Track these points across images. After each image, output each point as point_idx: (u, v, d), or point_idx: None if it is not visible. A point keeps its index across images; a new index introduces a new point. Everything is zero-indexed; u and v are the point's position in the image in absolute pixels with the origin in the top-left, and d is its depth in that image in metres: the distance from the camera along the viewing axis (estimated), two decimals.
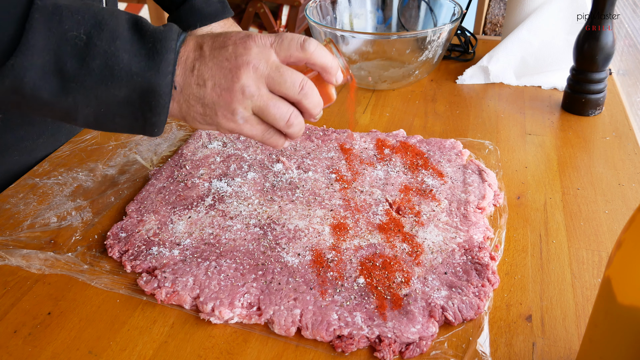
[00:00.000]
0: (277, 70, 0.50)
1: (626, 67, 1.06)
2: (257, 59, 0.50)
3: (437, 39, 0.91)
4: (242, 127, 0.52)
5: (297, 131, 0.54)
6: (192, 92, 0.50)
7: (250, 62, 0.49)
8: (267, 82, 0.50)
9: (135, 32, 0.48)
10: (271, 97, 0.51)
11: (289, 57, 0.51)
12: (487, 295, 0.54)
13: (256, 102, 0.50)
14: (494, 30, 1.87)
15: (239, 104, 0.50)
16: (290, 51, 0.51)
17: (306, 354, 0.50)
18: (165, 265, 0.58)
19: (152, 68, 0.47)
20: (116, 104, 0.48)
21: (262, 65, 0.50)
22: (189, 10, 0.92)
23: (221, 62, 0.49)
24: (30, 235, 0.64)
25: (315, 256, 0.58)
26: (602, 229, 0.63)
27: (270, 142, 0.55)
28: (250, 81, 0.49)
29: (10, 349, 0.51)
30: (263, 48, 0.50)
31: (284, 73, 0.51)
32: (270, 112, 0.51)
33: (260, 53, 0.50)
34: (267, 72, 0.50)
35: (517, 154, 0.78)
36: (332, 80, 0.54)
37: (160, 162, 0.78)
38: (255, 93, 0.50)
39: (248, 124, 0.52)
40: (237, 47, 0.50)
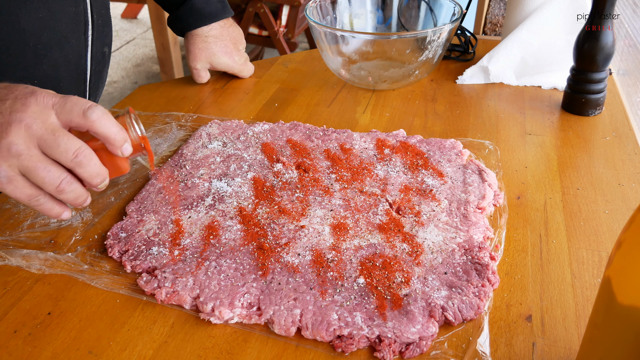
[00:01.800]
0: (52, 133, 0.49)
1: (626, 67, 1.06)
2: (32, 117, 0.48)
3: (437, 39, 0.91)
4: (5, 187, 0.50)
5: (73, 198, 0.52)
6: None
7: (23, 120, 0.48)
8: (40, 144, 0.49)
9: None
10: (42, 159, 0.49)
11: (69, 121, 0.50)
12: (487, 295, 0.54)
13: (23, 161, 0.49)
14: (494, 30, 1.87)
15: (3, 161, 0.48)
16: (72, 116, 0.50)
17: (306, 354, 0.50)
18: (165, 265, 0.58)
19: None
20: None
21: (37, 125, 0.48)
22: (188, 10, 0.92)
23: None
24: (30, 235, 0.64)
25: (315, 256, 0.58)
26: (602, 229, 0.63)
27: (42, 209, 0.53)
28: (20, 139, 0.48)
29: (10, 349, 0.51)
30: (43, 107, 0.49)
31: (59, 137, 0.49)
32: (39, 175, 0.49)
33: (39, 112, 0.49)
34: (40, 133, 0.48)
35: (517, 154, 0.78)
36: (116, 152, 0.53)
37: (160, 162, 0.78)
38: (23, 152, 0.48)
39: (12, 184, 0.50)
40: (15, 102, 0.49)
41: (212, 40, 0.96)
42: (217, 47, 0.96)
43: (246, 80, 1.03)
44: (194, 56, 0.96)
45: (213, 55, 0.97)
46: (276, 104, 0.94)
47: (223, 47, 0.97)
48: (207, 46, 0.96)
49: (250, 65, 1.04)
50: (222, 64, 0.99)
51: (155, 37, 2.49)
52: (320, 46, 0.98)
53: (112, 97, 3.06)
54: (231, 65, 0.99)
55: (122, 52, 3.61)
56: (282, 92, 0.98)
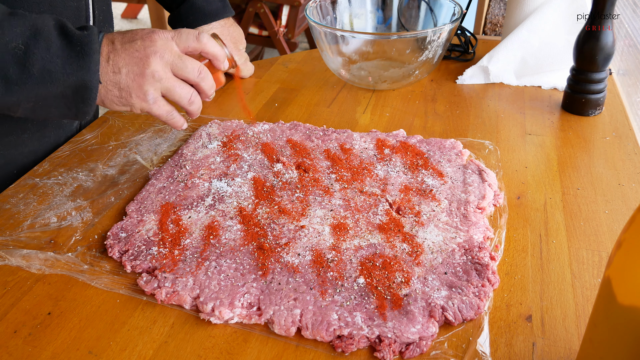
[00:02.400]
0: (180, 58, 0.61)
1: (626, 67, 1.06)
2: (162, 49, 0.59)
3: (437, 39, 0.91)
4: (152, 107, 0.62)
5: (197, 109, 0.66)
6: (110, 78, 0.59)
7: (157, 52, 0.59)
8: (172, 68, 0.61)
9: (64, 38, 0.56)
10: (176, 80, 0.62)
11: (187, 47, 0.62)
12: (487, 295, 0.54)
13: (164, 84, 0.60)
14: (494, 30, 1.87)
15: (150, 86, 0.60)
16: (188, 42, 0.62)
17: (306, 354, 0.50)
18: (165, 265, 0.58)
19: (83, 68, 0.56)
20: (53, 98, 0.57)
21: (167, 54, 0.60)
22: (189, 9, 0.92)
23: (132, 52, 0.59)
24: (30, 235, 0.64)
25: (315, 256, 0.58)
26: (602, 229, 0.63)
27: (174, 122, 0.66)
28: (159, 67, 0.59)
29: (10, 349, 0.51)
30: (166, 40, 0.60)
31: (185, 60, 0.61)
32: (177, 92, 0.62)
33: (165, 44, 0.60)
34: (171, 59, 0.60)
35: (517, 154, 0.78)
36: (221, 66, 0.66)
37: (160, 162, 0.78)
38: (163, 76, 0.60)
39: (156, 104, 0.61)
40: (144, 40, 0.59)
41: None
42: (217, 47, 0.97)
43: (246, 80, 1.03)
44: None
45: None
46: (276, 104, 0.94)
47: None
48: None
49: (251, 65, 1.04)
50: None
51: None
52: (320, 46, 0.98)
53: None
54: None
55: None
56: (282, 92, 0.98)
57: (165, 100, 0.63)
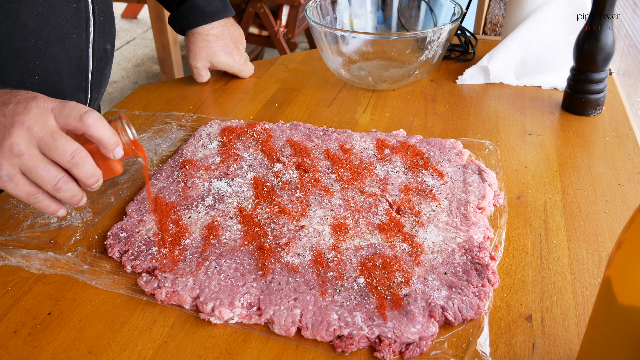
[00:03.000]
0: (52, 135, 0.52)
1: (626, 67, 1.06)
2: (33, 120, 0.51)
3: (437, 39, 0.91)
4: (6, 185, 0.52)
5: (69, 197, 0.55)
6: None
7: (25, 122, 0.51)
8: (39, 145, 0.52)
9: None
10: (42, 159, 0.52)
11: (67, 124, 0.53)
12: (487, 295, 0.54)
13: (24, 161, 0.51)
14: (494, 30, 1.87)
15: (5, 160, 0.51)
16: (69, 120, 0.53)
17: (306, 354, 0.50)
18: (165, 265, 0.58)
19: None
20: None
21: (38, 127, 0.51)
22: (189, 9, 0.92)
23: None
24: (30, 235, 0.64)
25: (315, 256, 0.58)
26: (602, 229, 0.63)
27: (40, 206, 0.55)
28: (22, 140, 0.51)
29: (10, 349, 0.51)
30: (44, 111, 0.52)
31: (57, 139, 0.52)
32: (39, 174, 0.52)
33: (39, 115, 0.52)
34: (40, 135, 0.51)
35: (517, 154, 0.78)
36: (109, 155, 0.55)
37: (160, 162, 0.78)
38: (24, 152, 0.51)
39: (13, 182, 0.52)
40: (17, 105, 0.52)
41: (213, 39, 0.96)
42: (218, 46, 0.96)
43: (246, 80, 1.03)
44: (195, 55, 0.96)
45: (213, 54, 0.97)
46: (276, 104, 0.94)
47: (224, 46, 0.97)
48: (207, 45, 0.96)
49: (251, 65, 1.04)
50: (223, 63, 0.99)
51: (155, 37, 2.49)
52: (320, 46, 0.98)
53: (112, 97, 3.06)
54: (231, 65, 0.99)
55: (122, 52, 3.61)
56: (282, 92, 0.98)
57: (27, 181, 0.53)
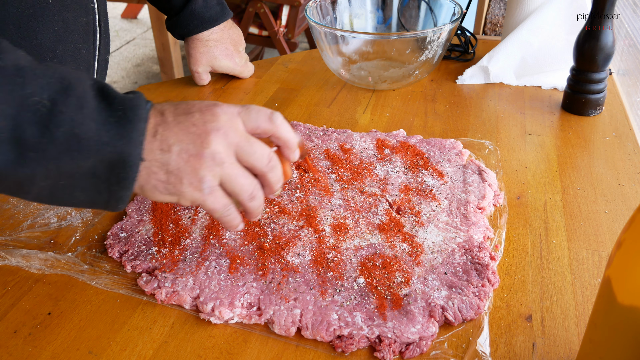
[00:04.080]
0: (247, 140, 0.48)
1: (626, 67, 1.06)
2: (226, 126, 0.47)
3: (437, 39, 0.91)
4: (206, 198, 0.48)
5: (257, 206, 0.51)
6: (155, 157, 0.46)
7: (220, 129, 0.47)
8: (236, 152, 0.48)
9: (102, 99, 0.44)
10: (239, 167, 0.49)
11: (256, 128, 0.50)
12: (487, 295, 0.54)
13: (225, 169, 0.47)
14: (494, 30, 1.87)
15: (208, 171, 0.47)
16: (258, 122, 0.49)
17: (306, 354, 0.50)
18: (165, 265, 0.58)
19: (124, 137, 0.44)
20: (79, 176, 0.44)
21: (232, 133, 0.47)
22: (188, 16, 0.92)
23: (188, 127, 0.47)
24: (30, 235, 0.64)
25: (315, 256, 0.58)
26: (602, 229, 0.63)
27: (229, 220, 0.51)
28: (221, 147, 0.47)
29: (10, 349, 0.51)
30: (231, 116, 0.48)
31: (254, 144, 0.49)
32: (239, 182, 0.48)
33: (230, 121, 0.48)
34: (237, 140, 0.48)
35: (517, 154, 0.78)
36: (292, 156, 0.52)
37: None
38: (225, 160, 0.47)
39: (212, 195, 0.48)
40: (204, 114, 0.48)
41: (213, 44, 0.96)
42: (218, 51, 0.97)
43: (246, 80, 1.03)
44: (196, 60, 0.97)
45: (214, 59, 0.97)
46: (276, 104, 0.94)
47: (224, 50, 0.97)
48: (208, 50, 0.96)
49: (251, 65, 1.04)
50: (223, 67, 0.99)
51: (155, 37, 2.49)
52: (320, 46, 0.98)
53: None
54: (232, 68, 1.00)
55: (122, 52, 3.61)
56: (282, 92, 0.98)
57: (223, 192, 0.49)
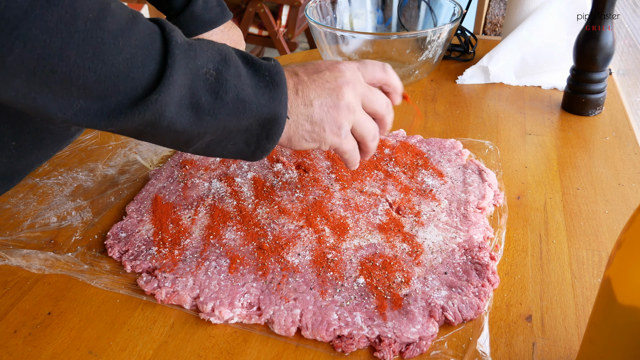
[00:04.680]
0: (370, 89, 0.57)
1: (626, 67, 1.06)
2: (353, 79, 0.55)
3: (437, 39, 0.91)
4: (343, 142, 0.56)
5: (374, 147, 0.60)
6: (301, 112, 0.53)
7: (349, 82, 0.55)
8: (363, 100, 0.56)
9: (250, 67, 0.51)
10: (365, 113, 0.57)
11: (373, 78, 0.58)
12: (487, 295, 0.54)
13: (357, 116, 0.56)
14: (494, 30, 1.87)
15: (344, 119, 0.55)
16: (375, 73, 0.58)
17: (306, 354, 0.50)
18: (165, 265, 0.58)
19: (275, 99, 0.50)
20: (237, 132, 0.51)
21: (358, 85, 0.56)
22: (189, 18, 0.92)
23: (322, 83, 0.54)
24: (30, 235, 0.64)
25: (315, 256, 0.58)
26: (602, 229, 0.63)
27: (354, 159, 0.59)
28: (352, 98, 0.55)
29: (10, 349, 0.51)
30: (354, 71, 0.56)
31: (375, 92, 0.57)
32: (366, 125, 0.57)
33: (354, 75, 0.56)
34: (362, 90, 0.56)
35: (517, 154, 0.78)
36: (397, 100, 0.61)
37: (160, 162, 0.78)
38: (357, 108, 0.55)
39: (347, 138, 0.56)
40: (332, 71, 0.55)
41: None
42: None
43: None
44: None
45: None
46: None
47: None
48: None
49: None
50: None
51: None
52: (320, 46, 0.97)
53: None
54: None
55: None
56: None
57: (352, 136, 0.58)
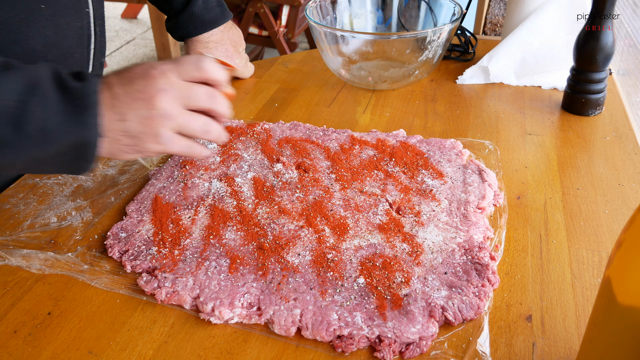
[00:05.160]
0: (187, 88, 0.55)
1: (626, 67, 1.06)
2: (166, 84, 0.54)
3: (437, 39, 0.91)
4: (168, 147, 0.55)
5: (216, 135, 0.58)
6: (116, 128, 0.53)
7: (160, 89, 0.53)
8: (182, 101, 0.54)
9: (62, 91, 0.51)
10: (188, 113, 0.55)
11: (190, 78, 0.56)
12: (487, 295, 0.54)
13: (178, 120, 0.54)
14: (494, 30, 1.87)
15: (162, 127, 0.54)
16: (189, 72, 0.56)
17: (306, 354, 0.50)
18: (165, 265, 0.58)
19: (84, 124, 0.51)
20: (48, 157, 0.52)
21: (172, 88, 0.54)
22: (188, 18, 0.92)
23: (135, 95, 0.53)
24: (30, 235, 0.64)
25: (315, 256, 0.58)
26: (602, 229, 0.63)
27: (195, 154, 0.58)
28: (167, 104, 0.53)
29: (10, 349, 0.51)
30: (166, 74, 0.54)
31: (192, 88, 0.55)
32: (191, 126, 0.55)
33: (166, 79, 0.54)
34: (179, 93, 0.54)
35: (517, 154, 0.78)
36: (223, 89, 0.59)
37: (160, 162, 0.78)
38: (176, 113, 0.54)
39: (172, 142, 0.55)
40: (144, 79, 0.54)
41: (213, 45, 0.96)
42: (218, 52, 0.96)
43: (246, 80, 1.03)
44: None
45: None
46: (276, 104, 0.94)
47: (224, 52, 0.97)
48: (208, 52, 0.96)
49: (251, 65, 1.04)
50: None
51: (155, 37, 2.49)
52: (320, 46, 0.98)
53: None
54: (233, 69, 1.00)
55: (122, 52, 3.61)
56: (282, 92, 0.98)
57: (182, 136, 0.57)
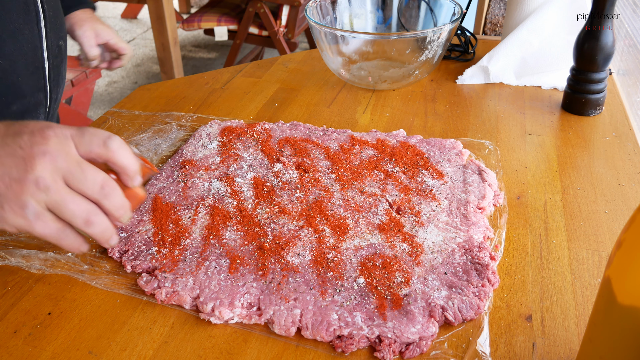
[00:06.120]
0: (78, 165, 0.47)
1: (626, 67, 1.06)
2: (55, 149, 0.46)
3: (437, 39, 0.91)
4: (33, 224, 0.46)
5: (100, 232, 0.49)
6: None
7: (47, 153, 0.45)
8: (65, 177, 0.46)
9: None
10: (69, 192, 0.47)
11: (89, 152, 0.48)
12: (487, 295, 0.54)
13: (52, 195, 0.46)
14: (494, 30, 1.87)
15: (30, 197, 0.45)
16: (92, 147, 0.47)
17: (306, 354, 0.50)
18: (165, 265, 0.58)
19: None
20: None
21: (61, 157, 0.46)
22: None
23: (14, 150, 0.45)
24: (31, 235, 0.64)
25: (315, 256, 0.58)
26: (602, 229, 0.63)
27: (67, 244, 0.49)
28: (46, 173, 0.45)
29: (10, 349, 0.51)
30: (63, 139, 0.46)
31: (85, 169, 0.47)
32: (68, 208, 0.46)
33: (60, 144, 0.46)
34: (65, 165, 0.46)
35: (517, 154, 0.78)
36: (129, 183, 0.51)
37: (160, 162, 0.78)
38: (51, 186, 0.45)
39: (40, 220, 0.46)
40: (33, 135, 0.46)
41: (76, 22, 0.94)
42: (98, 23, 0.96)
43: (246, 80, 1.03)
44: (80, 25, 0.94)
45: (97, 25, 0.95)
46: (276, 104, 0.94)
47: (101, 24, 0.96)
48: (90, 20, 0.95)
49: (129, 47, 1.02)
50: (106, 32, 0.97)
51: (155, 37, 2.49)
52: (320, 46, 0.98)
53: (112, 97, 3.06)
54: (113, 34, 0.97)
55: None
56: (282, 92, 0.98)
57: (55, 217, 0.47)
